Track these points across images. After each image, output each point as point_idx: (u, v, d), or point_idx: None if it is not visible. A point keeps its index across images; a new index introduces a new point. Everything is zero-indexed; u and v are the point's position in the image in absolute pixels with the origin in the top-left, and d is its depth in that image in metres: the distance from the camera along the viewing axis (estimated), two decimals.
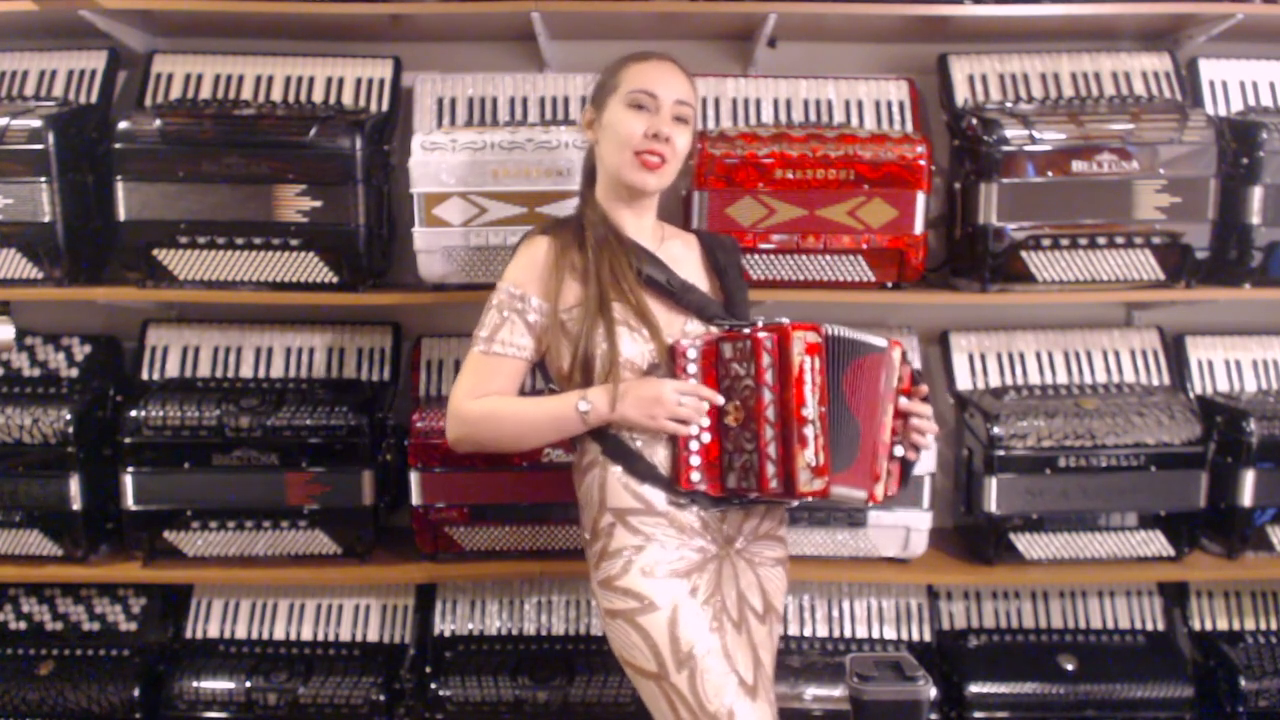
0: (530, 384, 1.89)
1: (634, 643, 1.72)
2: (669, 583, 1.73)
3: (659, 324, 1.77)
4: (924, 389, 1.81)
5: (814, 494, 1.66)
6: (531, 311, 1.79)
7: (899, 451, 1.79)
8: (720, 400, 1.71)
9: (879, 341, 1.75)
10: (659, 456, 1.76)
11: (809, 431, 1.64)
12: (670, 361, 1.74)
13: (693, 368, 1.72)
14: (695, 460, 1.72)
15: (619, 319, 1.74)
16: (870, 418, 1.74)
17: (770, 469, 1.66)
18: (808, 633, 2.61)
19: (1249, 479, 2.48)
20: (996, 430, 2.44)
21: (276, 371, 2.64)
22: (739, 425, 1.69)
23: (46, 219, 2.38)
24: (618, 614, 1.75)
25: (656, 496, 1.75)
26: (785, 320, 1.69)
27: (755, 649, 1.80)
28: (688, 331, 1.79)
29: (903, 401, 1.79)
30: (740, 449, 1.70)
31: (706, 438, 1.72)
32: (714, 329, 1.79)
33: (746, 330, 1.69)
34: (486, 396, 1.78)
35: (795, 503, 1.75)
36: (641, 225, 1.88)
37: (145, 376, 2.61)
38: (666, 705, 1.71)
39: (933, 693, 2.18)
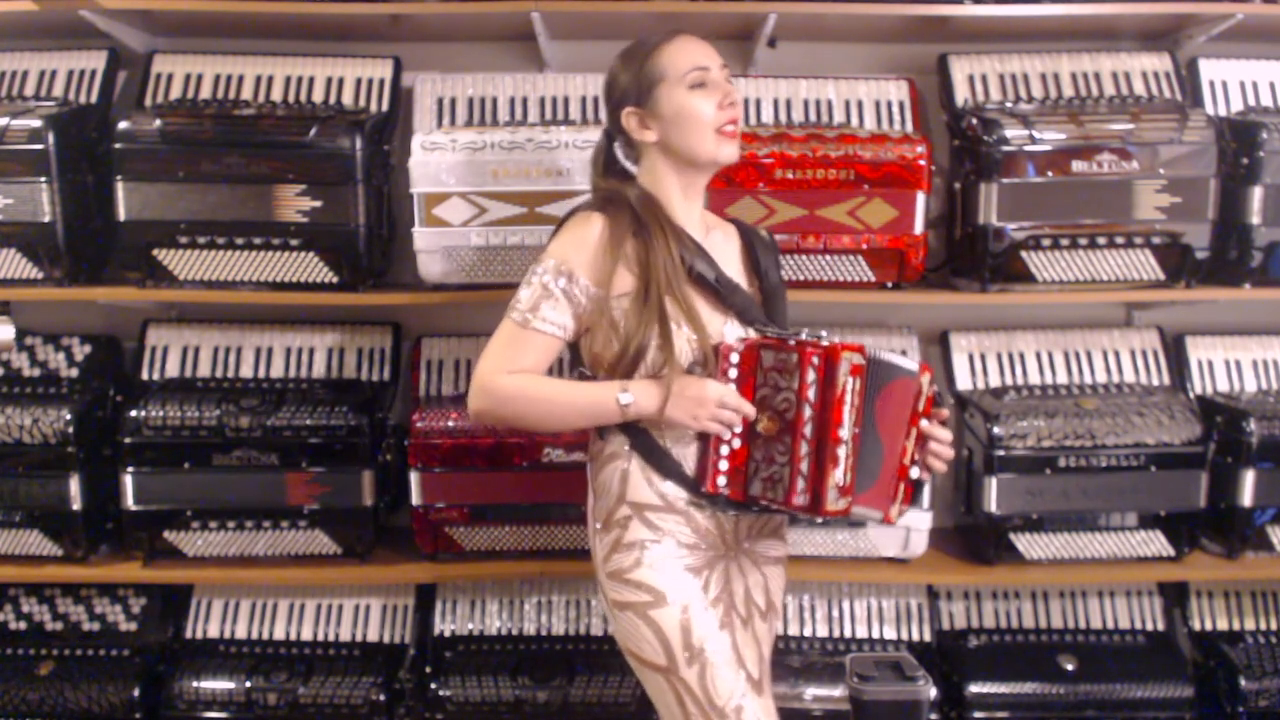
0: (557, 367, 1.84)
1: (643, 636, 1.72)
2: (682, 578, 1.72)
3: (704, 323, 1.73)
4: (945, 413, 1.79)
5: (837, 513, 1.66)
6: (579, 291, 1.69)
7: (914, 474, 1.78)
8: (752, 414, 1.69)
9: (911, 365, 1.74)
10: (685, 455, 1.74)
11: (841, 452, 1.64)
12: (712, 361, 1.72)
13: (733, 371, 1.70)
14: (724, 465, 1.71)
15: (669, 314, 1.70)
16: (894, 439, 1.73)
17: (800, 484, 1.65)
18: (808, 633, 2.61)
19: (1249, 479, 2.48)
20: (996, 430, 2.44)
21: (276, 371, 2.64)
22: (772, 436, 1.68)
23: (46, 219, 2.38)
24: (627, 606, 1.73)
25: (677, 494, 1.74)
26: (826, 334, 1.67)
27: (759, 645, 1.81)
28: (726, 333, 1.76)
29: (924, 424, 1.76)
30: (770, 459, 1.68)
31: (736, 444, 1.71)
32: (753, 333, 1.76)
33: (792, 342, 1.67)
34: (517, 373, 1.71)
35: (819, 519, 1.75)
36: (691, 211, 1.82)
37: (145, 376, 2.61)
38: (674, 699, 1.71)
39: (933, 693, 2.18)
